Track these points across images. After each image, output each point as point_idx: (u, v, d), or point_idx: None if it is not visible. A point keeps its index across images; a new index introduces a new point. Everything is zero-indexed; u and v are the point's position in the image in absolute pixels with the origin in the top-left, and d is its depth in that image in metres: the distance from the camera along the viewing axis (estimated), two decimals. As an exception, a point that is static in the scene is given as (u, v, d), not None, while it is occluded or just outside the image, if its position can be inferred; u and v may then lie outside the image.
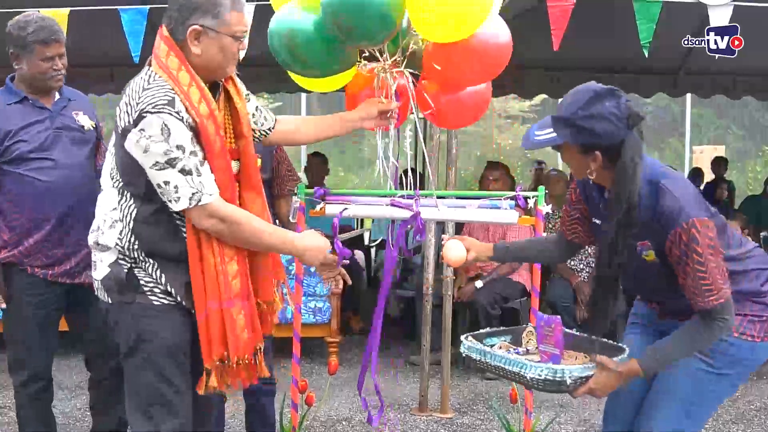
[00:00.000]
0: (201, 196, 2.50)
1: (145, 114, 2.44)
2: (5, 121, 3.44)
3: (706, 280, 2.48)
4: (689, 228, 2.47)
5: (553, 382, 2.55)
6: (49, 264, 3.52)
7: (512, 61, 8.70)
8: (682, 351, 2.60)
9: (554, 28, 4.60)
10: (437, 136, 4.81)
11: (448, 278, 4.89)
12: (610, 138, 2.51)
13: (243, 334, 2.62)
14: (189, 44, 2.55)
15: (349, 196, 3.43)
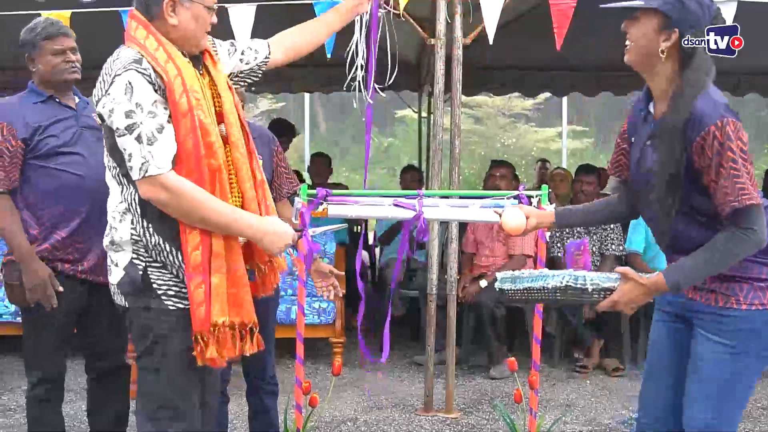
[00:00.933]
0: (148, 166, 2.46)
1: (115, 78, 2.47)
2: (34, 117, 3.50)
3: (740, 178, 2.40)
4: (724, 126, 2.41)
5: (575, 289, 2.53)
6: (77, 259, 3.55)
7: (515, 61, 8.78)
8: (709, 263, 2.50)
9: (557, 27, 4.60)
10: (440, 136, 4.79)
11: (453, 279, 4.87)
12: (696, 21, 2.49)
13: (199, 309, 2.53)
14: (165, 16, 2.58)
15: (352, 196, 3.41)
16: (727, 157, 2.40)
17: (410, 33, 4.99)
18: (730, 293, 2.56)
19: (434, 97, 4.83)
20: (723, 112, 2.43)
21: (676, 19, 2.50)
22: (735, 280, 2.56)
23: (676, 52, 2.53)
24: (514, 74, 9.47)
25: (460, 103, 4.82)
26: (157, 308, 2.60)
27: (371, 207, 3.32)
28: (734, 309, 2.55)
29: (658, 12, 2.52)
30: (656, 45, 2.53)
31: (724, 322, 2.57)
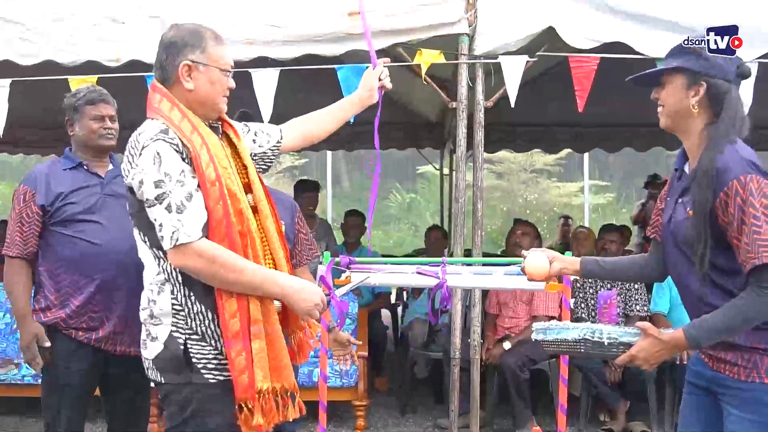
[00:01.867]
0: (179, 235, 2.46)
1: (143, 150, 2.51)
2: (58, 183, 3.57)
3: (761, 235, 2.36)
4: (747, 182, 2.40)
5: (591, 342, 2.51)
6: (92, 327, 3.55)
7: (536, 117, 8.82)
8: (730, 321, 2.45)
9: (579, 89, 4.61)
10: (462, 199, 4.78)
11: (476, 342, 4.82)
12: (720, 71, 2.51)
13: (242, 377, 2.52)
14: (182, 81, 2.63)
15: (375, 264, 3.39)
16: (749, 213, 2.38)
17: (433, 92, 5.01)
18: (752, 366, 2.52)
19: (456, 159, 4.84)
20: (747, 168, 2.42)
21: (701, 72, 2.52)
22: (758, 353, 2.51)
23: (706, 106, 2.55)
24: (536, 131, 9.51)
25: (482, 165, 4.83)
26: (197, 383, 2.58)
27: (394, 275, 3.29)
28: (756, 383, 2.51)
29: (682, 70, 2.55)
30: (687, 102, 2.55)
31: (747, 397, 2.53)
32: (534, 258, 2.84)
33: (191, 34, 2.66)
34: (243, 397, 2.53)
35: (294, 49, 4.63)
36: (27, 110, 6.50)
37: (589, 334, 2.51)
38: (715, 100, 2.53)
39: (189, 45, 2.63)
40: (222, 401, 2.57)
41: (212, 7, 4.65)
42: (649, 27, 4.51)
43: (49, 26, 4.67)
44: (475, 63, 4.71)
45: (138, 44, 4.65)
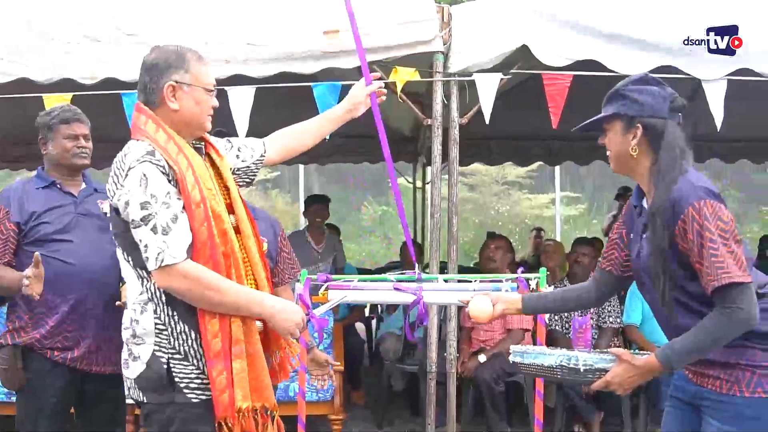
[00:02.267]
0: (164, 256, 2.49)
1: (129, 172, 2.53)
2: (31, 203, 3.59)
3: (718, 258, 2.46)
4: (701, 208, 2.51)
5: (568, 369, 2.59)
6: (67, 347, 3.56)
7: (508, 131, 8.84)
8: (700, 342, 2.54)
9: (552, 106, 4.68)
10: (437, 215, 4.82)
11: (452, 356, 4.86)
12: (652, 111, 2.63)
13: (223, 396, 2.55)
14: (167, 101, 2.66)
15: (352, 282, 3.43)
16: (706, 237, 2.49)
17: (407, 107, 5.06)
18: (734, 380, 2.61)
19: (432, 176, 4.89)
20: (701, 194, 2.53)
21: (635, 115, 2.65)
22: (739, 368, 2.60)
23: (647, 146, 2.67)
24: (508, 144, 9.58)
25: (457, 181, 4.88)
26: (180, 402, 2.59)
27: (371, 292, 3.33)
28: (737, 396, 2.59)
29: (618, 116, 2.68)
30: (627, 146, 2.68)
31: (727, 409, 2.61)
32: (477, 303, 2.97)
33: (174, 55, 2.69)
34: (223, 416, 2.55)
35: (270, 67, 4.66)
36: (11, 126, 6.49)
37: (565, 361, 2.59)
38: (654, 139, 2.65)
39: (172, 66, 2.66)
40: (204, 420, 2.59)
41: (189, 26, 4.66)
42: (619, 45, 4.59)
43: (24, 44, 4.66)
44: (449, 80, 4.76)
45: (113, 62, 4.65)
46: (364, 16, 4.59)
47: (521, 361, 2.79)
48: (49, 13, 4.70)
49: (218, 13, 4.70)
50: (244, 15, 4.68)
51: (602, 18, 4.60)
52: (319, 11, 4.67)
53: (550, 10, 4.62)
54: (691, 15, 4.60)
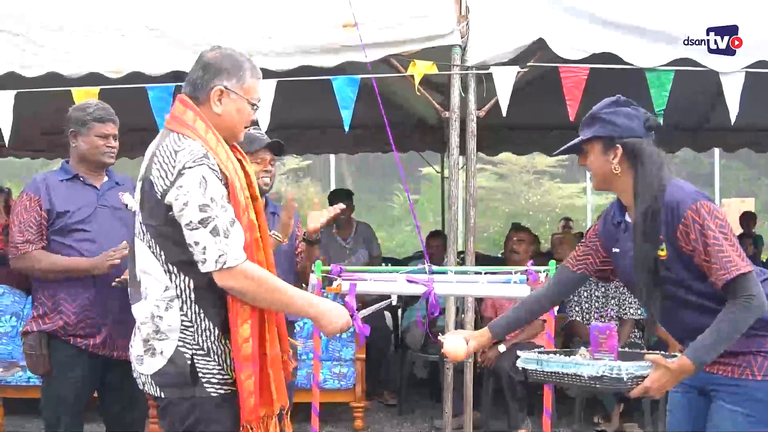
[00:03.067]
0: (226, 258, 2.52)
1: (184, 171, 2.52)
2: (56, 194, 3.71)
3: (724, 252, 2.60)
4: (699, 209, 2.64)
5: (611, 378, 2.64)
6: (89, 334, 3.68)
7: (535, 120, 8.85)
8: (725, 335, 2.63)
9: (569, 98, 4.71)
10: (455, 207, 4.88)
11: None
12: (630, 131, 2.76)
13: (249, 399, 2.62)
14: (211, 104, 2.66)
15: (365, 273, 3.50)
16: (709, 235, 2.62)
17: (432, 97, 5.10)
18: (746, 365, 2.72)
19: (449, 168, 4.94)
20: (695, 197, 2.68)
21: (613, 136, 2.77)
22: (750, 354, 2.71)
23: (627, 164, 2.79)
24: (535, 133, 9.58)
25: (475, 173, 4.93)
26: (199, 396, 2.64)
27: (384, 283, 3.39)
28: (750, 380, 2.70)
29: (597, 138, 2.80)
30: (609, 165, 2.80)
31: (740, 392, 2.72)
32: (451, 342, 3.05)
33: (231, 61, 2.70)
34: (249, 419, 2.63)
35: (290, 61, 4.74)
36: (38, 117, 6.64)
37: (608, 371, 2.64)
38: (633, 157, 2.77)
39: (227, 71, 2.67)
40: (222, 412, 2.65)
41: (211, 20, 4.76)
42: (636, 37, 4.61)
43: (52, 39, 4.78)
44: (467, 73, 4.81)
45: (138, 56, 4.77)
46: (383, 9, 4.67)
47: (536, 368, 2.84)
48: (77, 10, 4.82)
49: (239, 8, 4.78)
50: (264, 9, 4.77)
51: (618, 10, 4.62)
52: (338, 5, 4.72)
53: (567, 3, 4.65)
54: (690, 15, 4.62)
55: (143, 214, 2.65)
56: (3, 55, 4.83)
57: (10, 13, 4.83)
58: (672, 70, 4.63)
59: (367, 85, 4.98)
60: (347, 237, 7.29)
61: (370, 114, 6.59)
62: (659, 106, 4.67)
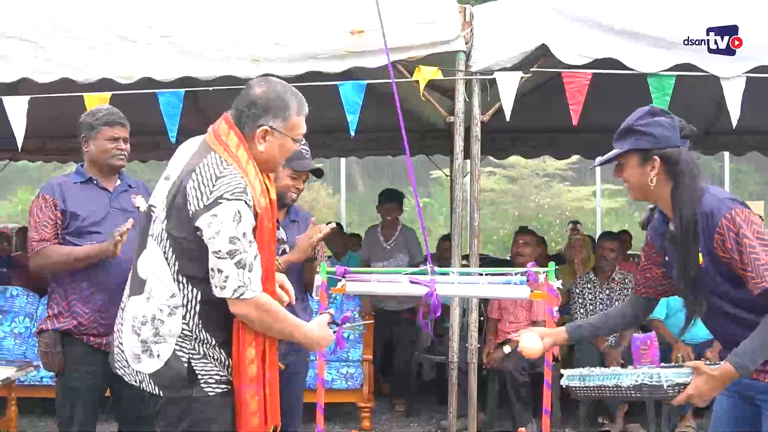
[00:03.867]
0: (245, 290, 2.63)
1: (222, 200, 2.58)
2: (70, 196, 3.82)
3: (760, 260, 2.58)
4: (734, 217, 2.64)
5: (650, 387, 2.68)
6: (102, 333, 3.78)
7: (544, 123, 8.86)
8: (766, 341, 2.63)
9: (572, 102, 4.77)
10: (459, 209, 4.95)
11: (473, 346, 4.99)
12: (668, 142, 2.75)
13: (253, 418, 2.72)
14: (255, 141, 2.74)
15: (369, 274, 3.58)
16: (745, 243, 2.61)
17: (439, 100, 5.18)
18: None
19: (454, 172, 5.01)
20: (730, 205, 2.67)
21: (651, 148, 2.75)
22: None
23: (665, 175, 2.78)
24: (544, 137, 9.62)
25: (479, 177, 5.01)
26: (197, 396, 2.73)
27: (387, 284, 3.47)
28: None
29: (635, 151, 2.78)
30: (646, 177, 2.78)
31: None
32: (528, 340, 3.11)
33: (279, 101, 2.75)
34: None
35: (297, 66, 4.82)
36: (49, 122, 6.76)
37: (647, 379, 2.67)
38: (671, 168, 2.76)
39: (273, 110, 2.73)
40: (219, 411, 2.75)
41: (219, 27, 4.84)
42: (637, 43, 4.66)
43: (64, 46, 4.88)
44: (471, 79, 4.88)
45: (149, 62, 4.86)
46: (389, 16, 4.74)
47: (581, 384, 2.90)
48: (89, 18, 4.91)
49: (247, 14, 4.86)
50: (271, 15, 4.85)
51: (621, 16, 4.67)
52: (344, 11, 4.82)
53: (569, 9, 4.70)
54: (690, 15, 4.65)
55: (167, 222, 2.70)
56: (17, 62, 4.93)
57: (25, 20, 4.92)
58: (674, 75, 4.69)
59: (376, 89, 5.06)
60: (390, 239, 7.24)
61: (380, 118, 6.69)
62: (661, 110, 4.71)
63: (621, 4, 4.72)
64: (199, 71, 4.89)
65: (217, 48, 4.84)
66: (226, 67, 4.85)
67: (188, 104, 5.33)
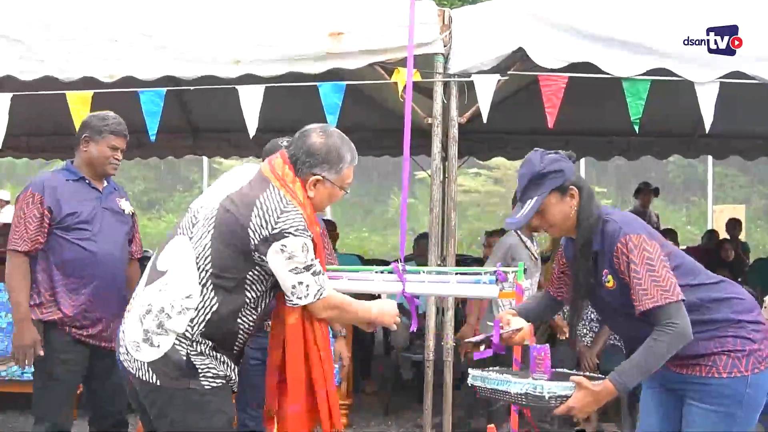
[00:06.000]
0: (323, 291, 2.94)
1: (288, 234, 2.81)
2: (62, 193, 3.93)
3: (642, 285, 2.77)
4: (627, 243, 2.82)
5: (534, 396, 2.81)
6: (84, 326, 3.91)
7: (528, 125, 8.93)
8: (648, 362, 2.78)
9: (548, 106, 4.84)
10: (435, 211, 5.02)
11: (449, 345, 5.06)
12: (571, 171, 2.95)
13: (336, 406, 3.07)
14: (306, 185, 2.96)
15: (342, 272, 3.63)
16: (632, 268, 2.81)
17: (421, 102, 5.25)
18: (711, 364, 2.87)
19: (432, 172, 5.08)
20: (626, 230, 2.85)
21: (564, 183, 2.93)
22: (714, 353, 2.87)
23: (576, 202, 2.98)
24: (528, 138, 9.67)
25: (456, 178, 5.08)
26: (193, 388, 2.86)
27: (359, 282, 3.53)
28: (716, 378, 2.86)
29: (553, 190, 2.93)
30: (570, 209, 2.96)
31: (708, 391, 2.88)
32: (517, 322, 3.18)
33: (335, 154, 2.98)
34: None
35: (278, 67, 4.88)
36: (32, 118, 6.80)
37: (530, 389, 2.81)
38: (582, 192, 2.97)
39: (328, 162, 2.96)
40: (222, 404, 2.92)
41: (202, 28, 4.90)
42: (613, 48, 4.73)
43: (48, 44, 4.93)
44: (449, 81, 4.95)
45: (131, 61, 4.91)
46: (368, 18, 4.81)
47: (481, 385, 3.04)
48: (71, 16, 4.97)
49: (229, 16, 4.92)
50: (253, 17, 4.91)
51: (597, 22, 4.74)
52: (324, 14, 4.88)
53: (547, 14, 4.77)
54: (691, 15, 4.72)
55: (214, 232, 2.87)
56: (0, 59, 4.97)
57: (8, 18, 4.97)
58: (649, 80, 4.76)
59: (359, 90, 5.12)
60: None
61: (364, 118, 6.77)
62: (635, 114, 4.78)
63: (598, 10, 4.79)
64: (180, 71, 4.94)
65: (198, 48, 4.90)
66: (207, 68, 4.91)
67: (173, 104, 5.39)
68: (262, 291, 2.93)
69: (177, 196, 21.01)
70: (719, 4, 4.76)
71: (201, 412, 2.86)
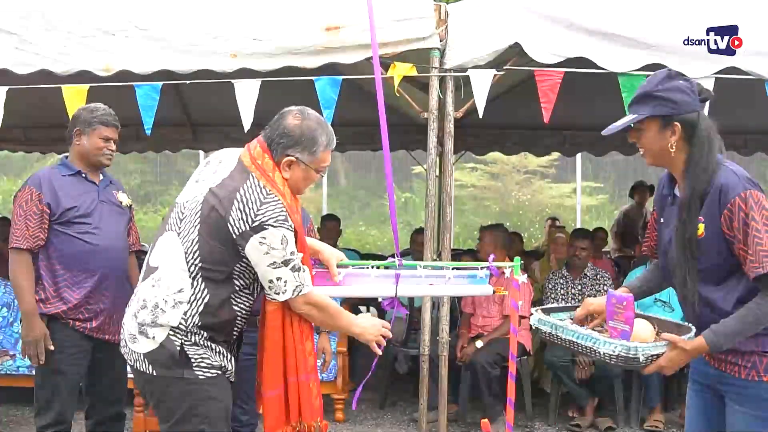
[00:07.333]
0: (302, 288, 2.94)
1: (267, 226, 2.82)
2: (60, 188, 3.96)
3: (763, 246, 2.60)
4: (747, 198, 2.63)
5: (626, 358, 2.72)
6: (87, 318, 3.95)
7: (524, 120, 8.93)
8: (747, 325, 2.67)
9: (544, 101, 4.84)
10: (431, 205, 5.03)
11: (444, 339, 5.07)
12: (687, 107, 2.73)
13: (315, 401, 3.06)
14: (281, 167, 2.95)
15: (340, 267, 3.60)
16: (752, 226, 2.62)
17: (417, 97, 5.25)
18: (751, 366, 2.76)
19: (427, 167, 5.08)
20: (746, 184, 2.67)
21: (671, 114, 2.74)
22: (756, 354, 2.75)
23: (683, 141, 2.76)
24: (524, 134, 9.68)
25: (452, 172, 5.09)
26: (187, 378, 2.91)
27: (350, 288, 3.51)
28: (755, 381, 2.75)
29: (655, 117, 2.76)
30: (666, 142, 2.77)
31: (747, 393, 2.78)
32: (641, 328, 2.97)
33: (310, 135, 2.96)
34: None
35: (274, 61, 4.88)
36: (30, 112, 6.79)
37: (624, 351, 2.71)
38: (690, 134, 2.75)
39: (302, 144, 2.95)
40: (217, 392, 2.95)
41: (198, 22, 4.89)
42: (609, 43, 4.74)
43: (44, 38, 4.92)
44: (445, 76, 4.95)
45: (127, 55, 4.90)
46: (364, 13, 4.79)
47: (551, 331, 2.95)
48: (67, 9, 4.95)
49: (226, 10, 4.92)
50: (250, 11, 4.90)
51: (593, 17, 4.75)
52: (321, 8, 4.87)
53: (543, 9, 4.78)
54: (691, 15, 4.73)
55: (201, 227, 2.88)
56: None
57: (3, 11, 4.96)
58: (644, 75, 4.76)
59: (357, 85, 5.10)
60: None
61: (361, 113, 6.75)
62: (631, 110, 4.79)
63: (593, 5, 4.79)
64: (177, 65, 4.94)
65: (195, 42, 4.89)
66: (204, 61, 4.90)
67: (170, 97, 5.38)
68: (252, 279, 2.97)
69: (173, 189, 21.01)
70: (719, 4, 4.77)
71: (195, 400, 2.91)
